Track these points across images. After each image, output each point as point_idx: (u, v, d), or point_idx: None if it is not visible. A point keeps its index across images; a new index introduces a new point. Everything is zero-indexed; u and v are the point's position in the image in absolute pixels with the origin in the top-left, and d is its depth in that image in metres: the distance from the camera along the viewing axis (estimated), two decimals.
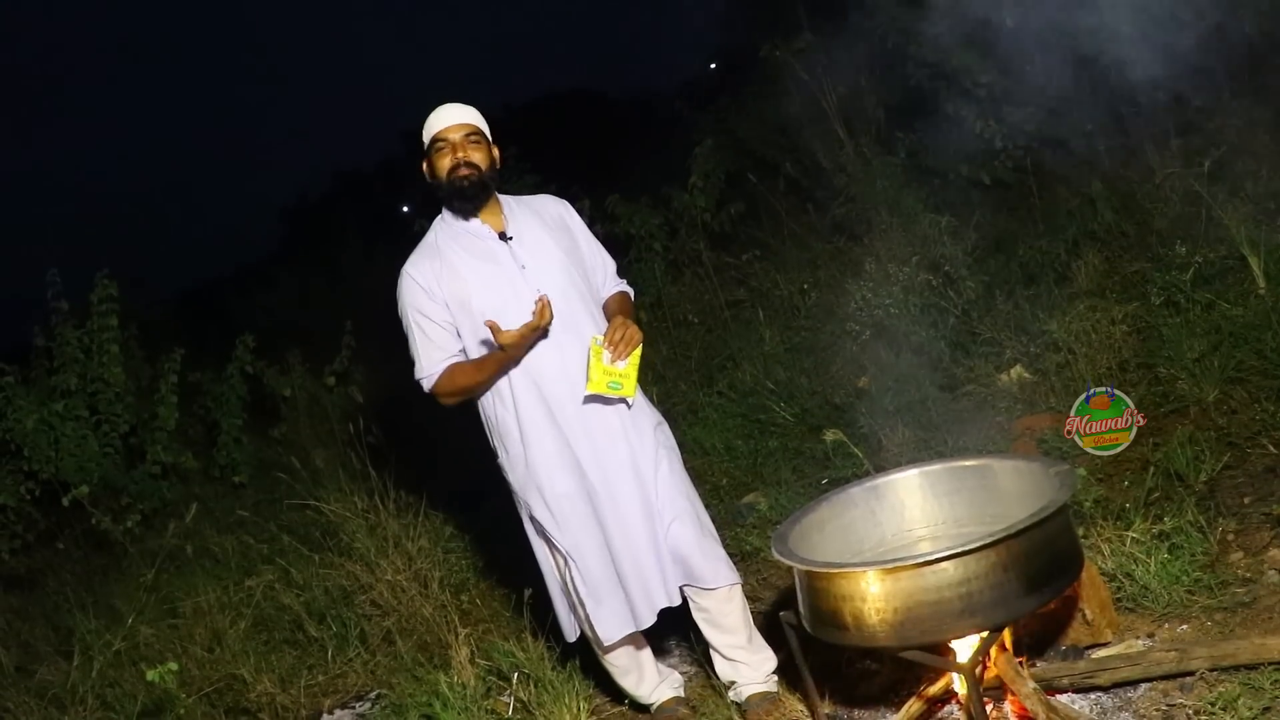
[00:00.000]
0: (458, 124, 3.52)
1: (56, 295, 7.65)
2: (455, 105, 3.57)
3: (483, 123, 3.58)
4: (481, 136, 3.54)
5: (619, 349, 3.37)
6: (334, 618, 5.22)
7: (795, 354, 6.75)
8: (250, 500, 7.41)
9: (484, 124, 3.58)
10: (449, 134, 3.50)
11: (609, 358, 3.36)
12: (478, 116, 3.57)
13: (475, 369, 3.48)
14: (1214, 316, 5.04)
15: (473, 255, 3.50)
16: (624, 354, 3.38)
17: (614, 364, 3.36)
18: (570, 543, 3.49)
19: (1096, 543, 3.65)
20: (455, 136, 3.50)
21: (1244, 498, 3.90)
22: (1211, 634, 3.20)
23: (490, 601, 5.17)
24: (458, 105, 3.57)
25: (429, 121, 3.55)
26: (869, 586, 2.78)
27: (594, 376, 3.35)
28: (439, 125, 3.52)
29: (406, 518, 5.48)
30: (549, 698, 3.96)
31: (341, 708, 4.84)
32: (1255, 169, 6.00)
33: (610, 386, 3.36)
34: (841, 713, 3.45)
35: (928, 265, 6.29)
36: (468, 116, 3.54)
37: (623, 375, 3.38)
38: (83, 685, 5.19)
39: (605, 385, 3.35)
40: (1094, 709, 3.05)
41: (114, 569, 6.90)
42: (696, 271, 8.27)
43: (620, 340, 3.38)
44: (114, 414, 7.49)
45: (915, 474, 3.45)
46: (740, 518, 5.18)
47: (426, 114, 3.59)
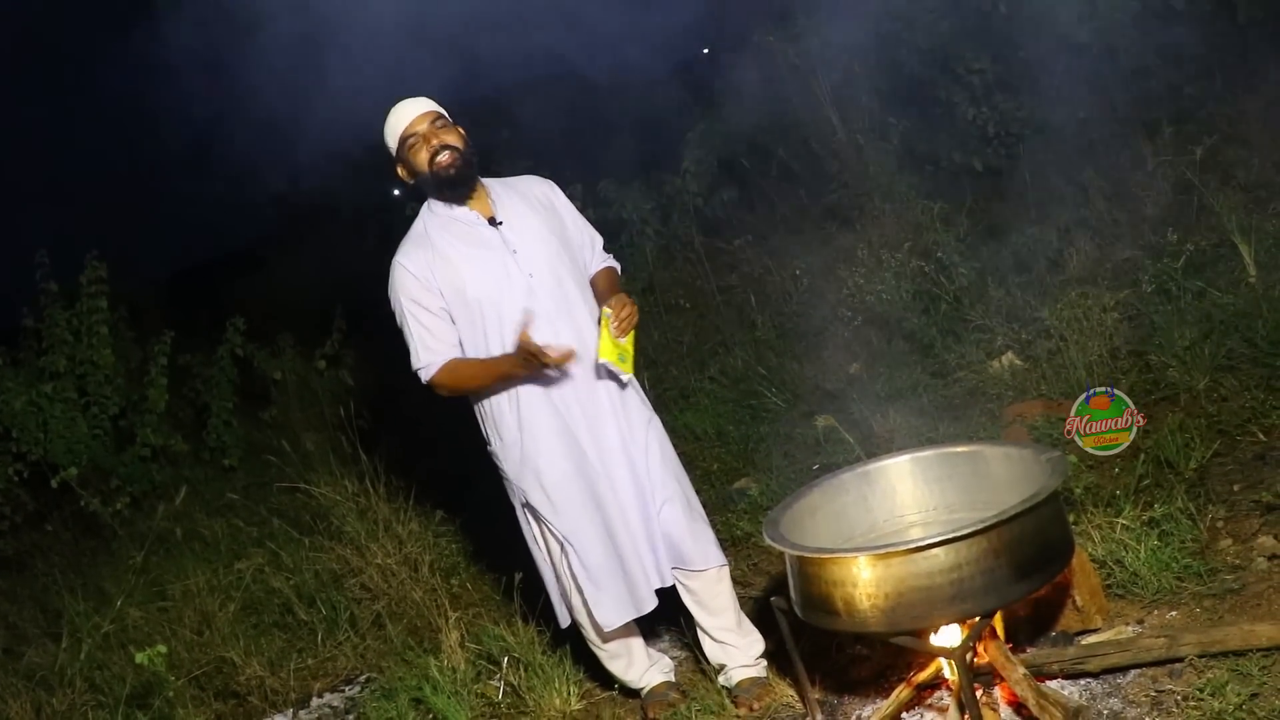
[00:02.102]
0: (420, 114, 3.50)
1: (45, 276, 7.62)
2: (407, 100, 3.55)
3: (439, 106, 3.56)
4: (445, 119, 3.53)
5: (623, 325, 3.40)
6: (324, 601, 5.22)
7: (787, 339, 6.74)
8: (240, 483, 7.40)
9: (440, 108, 3.56)
10: (415, 127, 3.48)
11: (614, 329, 3.38)
12: (433, 102, 3.56)
13: (482, 371, 3.47)
14: (1205, 304, 5.05)
15: (464, 242, 3.48)
16: (625, 331, 3.40)
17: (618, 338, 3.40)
18: (569, 527, 3.48)
19: (1087, 529, 3.66)
20: (422, 128, 3.48)
21: (1233, 485, 3.91)
22: (1200, 620, 3.21)
23: (481, 586, 5.17)
24: (410, 100, 3.55)
25: (390, 126, 3.53)
26: (860, 572, 2.79)
27: (605, 346, 3.37)
28: (402, 124, 3.50)
29: (397, 501, 5.47)
30: (539, 682, 3.97)
31: (331, 691, 4.84)
32: (1246, 157, 6.01)
33: (619, 359, 3.39)
34: (832, 698, 3.46)
35: (920, 252, 6.29)
36: (426, 105, 3.53)
37: (623, 350, 3.40)
38: (71, 667, 5.18)
39: (615, 356, 3.38)
40: (1083, 695, 3.06)
41: (103, 551, 6.88)
42: (688, 256, 8.25)
43: (625, 317, 3.40)
44: (103, 396, 7.47)
45: (907, 460, 3.46)
46: (731, 503, 5.19)
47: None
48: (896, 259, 6.23)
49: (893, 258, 6.25)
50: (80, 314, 7.53)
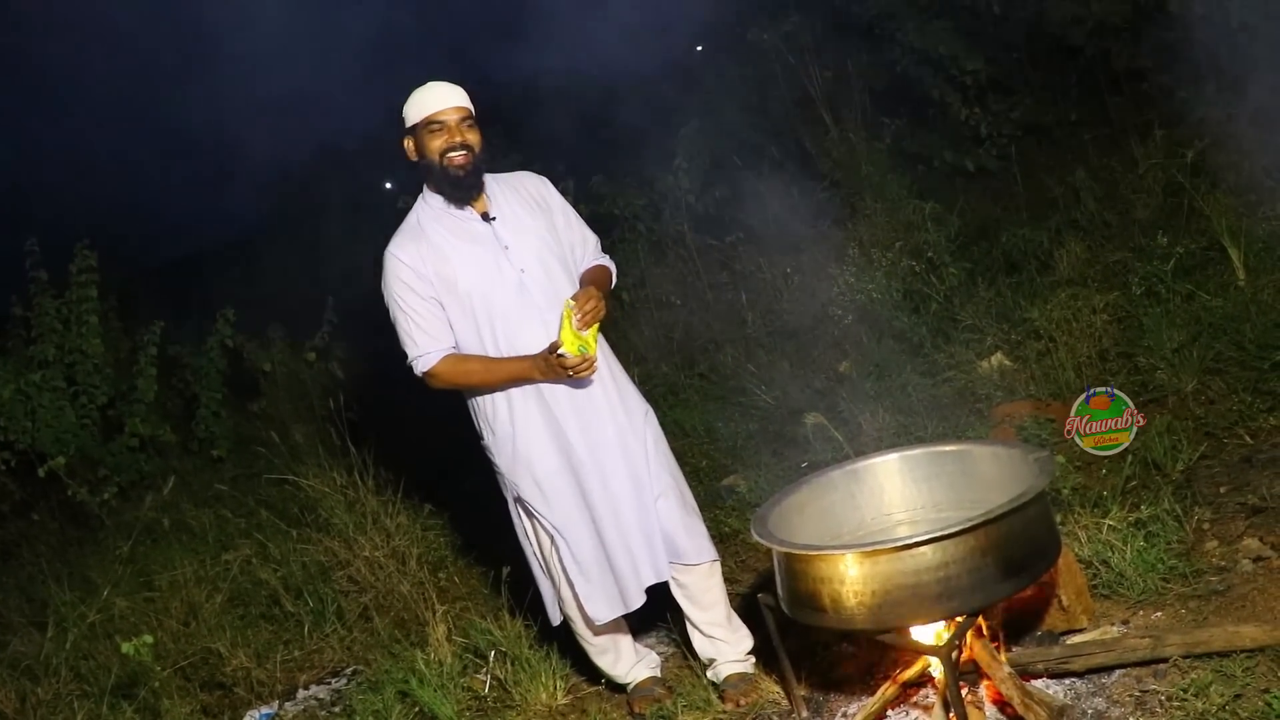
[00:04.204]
0: (453, 106, 3.45)
1: (35, 265, 7.59)
2: (447, 85, 3.49)
3: (471, 105, 3.52)
4: (473, 119, 3.49)
5: (586, 318, 3.32)
6: (311, 593, 5.21)
7: (777, 337, 6.75)
8: (228, 474, 7.38)
9: (472, 106, 3.53)
10: (445, 116, 3.43)
11: (577, 322, 3.32)
12: (468, 98, 3.51)
13: (491, 370, 3.44)
14: (1194, 307, 5.07)
15: (456, 236, 3.47)
16: (588, 324, 3.33)
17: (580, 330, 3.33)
18: (560, 520, 3.49)
19: (1074, 529, 3.67)
20: (452, 119, 3.44)
21: (1220, 487, 3.93)
22: (1185, 621, 3.23)
23: (468, 579, 5.17)
24: (449, 85, 3.49)
25: (420, 99, 3.46)
26: (847, 569, 2.79)
27: (566, 338, 3.30)
28: (434, 106, 3.44)
29: (385, 494, 5.47)
30: (526, 676, 3.97)
31: (318, 683, 4.83)
32: (1237, 161, 6.02)
33: (579, 350, 3.32)
34: (817, 695, 3.46)
35: (911, 251, 6.31)
36: (462, 99, 3.48)
37: (585, 342, 3.33)
38: (56, 657, 5.16)
39: (576, 348, 3.30)
40: (1068, 694, 3.07)
41: (90, 541, 6.86)
42: (680, 253, 8.25)
43: (590, 310, 3.33)
44: (92, 385, 7.45)
45: (895, 458, 3.47)
46: (720, 500, 5.19)
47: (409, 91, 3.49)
48: (887, 258, 6.24)
49: (884, 256, 6.26)
50: (69, 303, 7.50)
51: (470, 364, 3.46)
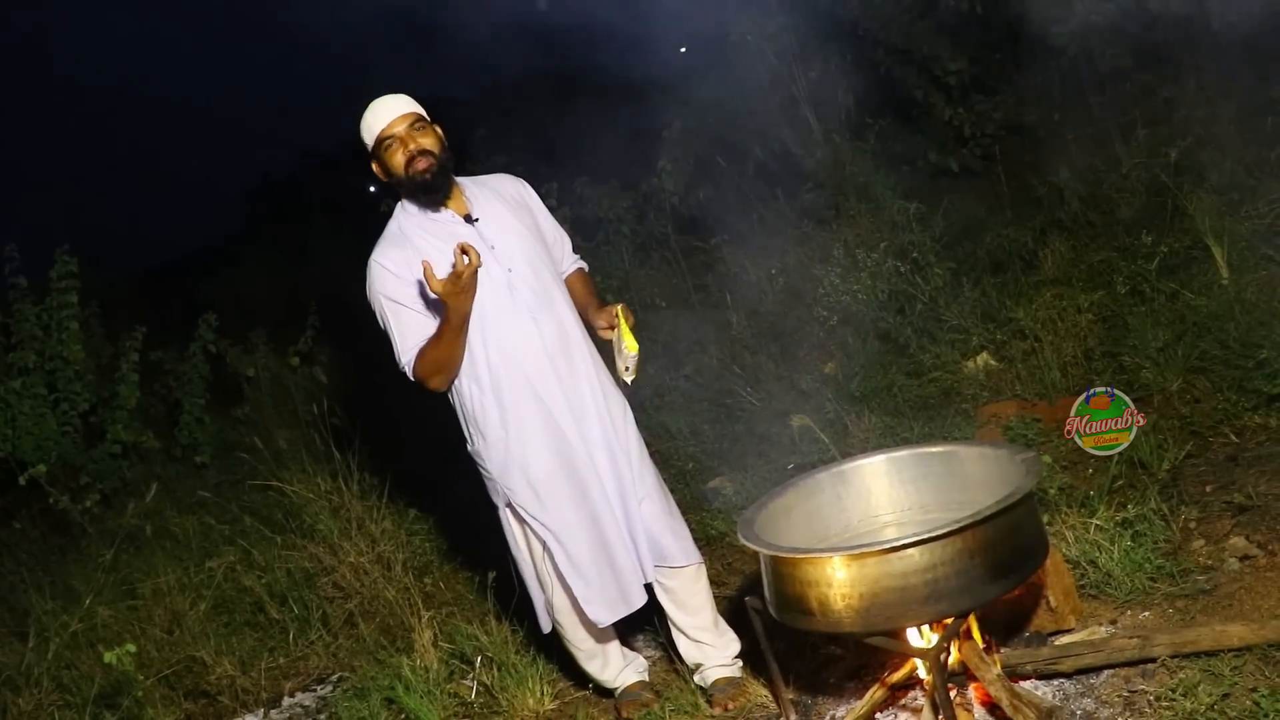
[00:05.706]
0: (399, 116, 3.44)
1: (15, 271, 7.52)
2: (388, 98, 3.48)
3: (419, 107, 3.51)
4: (425, 120, 3.48)
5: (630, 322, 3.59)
6: (296, 600, 5.19)
7: (762, 339, 6.74)
8: (212, 480, 7.34)
9: (421, 108, 3.51)
10: (393, 129, 3.43)
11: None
12: (413, 102, 3.50)
13: (435, 339, 3.39)
14: (1178, 306, 5.08)
15: (441, 240, 3.45)
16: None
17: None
18: (556, 523, 3.45)
19: (1061, 530, 3.67)
20: (401, 129, 3.43)
21: (1206, 486, 3.94)
22: (1173, 621, 3.23)
23: (454, 585, 5.14)
24: (390, 97, 3.49)
25: (367, 123, 3.46)
26: (835, 572, 2.78)
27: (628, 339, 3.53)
28: (381, 123, 3.44)
29: (370, 500, 5.44)
30: (512, 681, 3.95)
31: (303, 690, 4.80)
32: (1220, 160, 6.04)
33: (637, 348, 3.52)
34: (805, 698, 3.45)
35: (896, 252, 6.31)
36: (406, 106, 3.47)
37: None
38: (38, 667, 5.12)
39: (636, 347, 3.50)
40: (1057, 695, 3.06)
41: (72, 549, 6.80)
42: (664, 255, 8.25)
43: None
44: (73, 392, 7.38)
45: (881, 460, 3.45)
46: (706, 502, 5.18)
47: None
48: (872, 259, 6.24)
49: (869, 257, 6.26)
50: (50, 309, 7.43)
51: (427, 346, 3.39)
